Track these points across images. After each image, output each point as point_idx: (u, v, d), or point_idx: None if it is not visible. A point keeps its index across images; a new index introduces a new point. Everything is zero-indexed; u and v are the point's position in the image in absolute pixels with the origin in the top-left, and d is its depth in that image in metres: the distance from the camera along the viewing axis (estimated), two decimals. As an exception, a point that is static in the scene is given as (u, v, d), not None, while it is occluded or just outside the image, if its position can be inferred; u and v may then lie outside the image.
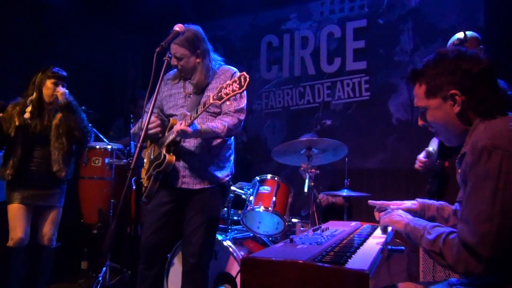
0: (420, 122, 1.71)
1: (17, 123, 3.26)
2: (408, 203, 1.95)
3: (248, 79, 2.24)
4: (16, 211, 3.26)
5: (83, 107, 4.21)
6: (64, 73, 3.46)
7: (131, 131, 3.96)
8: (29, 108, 3.30)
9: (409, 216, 1.70)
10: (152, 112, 2.27)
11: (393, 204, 1.95)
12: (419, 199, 1.96)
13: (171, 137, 2.58)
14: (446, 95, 1.55)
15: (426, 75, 1.60)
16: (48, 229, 3.43)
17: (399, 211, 1.79)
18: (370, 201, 2.06)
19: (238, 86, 2.26)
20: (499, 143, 1.39)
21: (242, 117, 2.72)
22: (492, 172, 1.37)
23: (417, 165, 2.90)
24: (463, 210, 1.47)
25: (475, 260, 1.36)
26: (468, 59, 1.54)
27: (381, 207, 1.97)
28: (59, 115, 3.44)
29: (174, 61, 2.70)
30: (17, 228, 3.25)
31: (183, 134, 2.46)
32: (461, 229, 1.42)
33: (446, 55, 1.58)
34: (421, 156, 2.89)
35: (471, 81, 1.52)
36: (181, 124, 2.46)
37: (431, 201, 1.93)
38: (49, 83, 3.37)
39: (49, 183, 3.39)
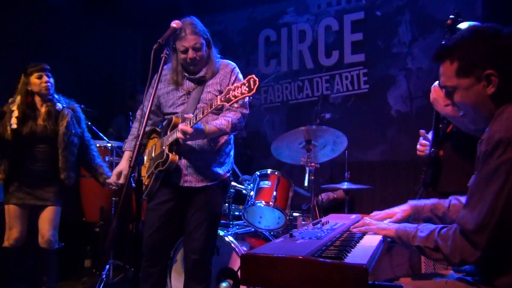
0: (445, 102, 1.66)
1: (8, 127, 3.22)
2: (398, 209, 1.93)
3: (257, 82, 2.21)
4: (12, 212, 3.28)
5: (82, 105, 4.22)
6: (43, 64, 3.39)
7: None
8: (15, 113, 3.24)
9: (395, 224, 1.75)
10: (150, 109, 2.26)
11: (386, 214, 1.96)
12: (411, 202, 1.94)
13: (174, 136, 2.54)
14: (481, 76, 1.46)
15: (459, 52, 1.50)
16: (46, 229, 3.36)
17: (384, 221, 1.85)
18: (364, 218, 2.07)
19: (247, 89, 2.23)
20: None
21: (246, 111, 2.69)
22: (504, 167, 1.35)
23: (419, 147, 2.78)
24: (469, 198, 1.45)
25: (471, 248, 1.38)
26: (506, 37, 1.46)
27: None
28: (65, 121, 3.42)
29: (192, 54, 2.60)
30: (13, 228, 3.27)
31: (186, 135, 2.41)
32: (463, 215, 1.42)
33: (483, 32, 1.50)
34: (421, 140, 2.78)
35: (509, 62, 1.45)
36: (185, 125, 2.41)
37: (423, 202, 1.90)
38: (33, 79, 3.32)
39: (46, 182, 3.37)
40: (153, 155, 2.77)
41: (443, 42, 1.61)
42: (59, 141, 3.38)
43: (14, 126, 3.22)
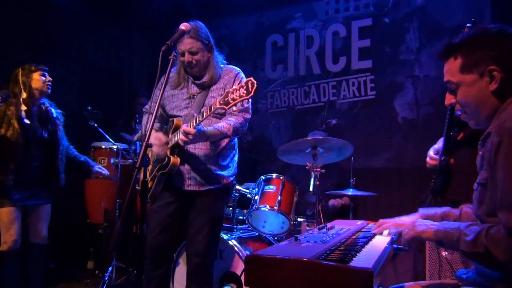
0: (448, 101, 1.58)
1: (16, 125, 3.18)
2: (408, 218, 1.83)
3: (255, 85, 2.21)
4: (8, 215, 3.22)
5: (88, 107, 4.25)
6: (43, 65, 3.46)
7: (135, 138, 3.98)
8: (24, 107, 3.25)
9: (434, 222, 1.58)
10: (157, 111, 2.25)
11: (394, 223, 1.84)
12: (421, 210, 1.86)
13: (175, 139, 2.55)
14: (484, 71, 1.45)
15: (464, 49, 1.50)
16: (41, 227, 3.44)
17: (419, 220, 1.65)
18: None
19: (245, 92, 2.23)
20: None
21: (248, 116, 2.71)
22: None
23: (429, 161, 2.74)
24: (503, 197, 1.33)
25: None
26: (510, 35, 1.46)
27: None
28: (61, 125, 3.50)
29: (188, 57, 2.63)
30: (11, 231, 3.22)
31: (188, 135, 2.40)
32: (505, 217, 1.29)
33: (487, 30, 1.50)
34: (431, 153, 2.77)
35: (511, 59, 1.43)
36: (187, 126, 2.42)
37: (433, 210, 1.82)
38: (36, 75, 3.35)
39: (41, 183, 3.39)
40: (155, 157, 2.77)
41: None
42: (57, 143, 3.45)
43: (27, 121, 3.25)
